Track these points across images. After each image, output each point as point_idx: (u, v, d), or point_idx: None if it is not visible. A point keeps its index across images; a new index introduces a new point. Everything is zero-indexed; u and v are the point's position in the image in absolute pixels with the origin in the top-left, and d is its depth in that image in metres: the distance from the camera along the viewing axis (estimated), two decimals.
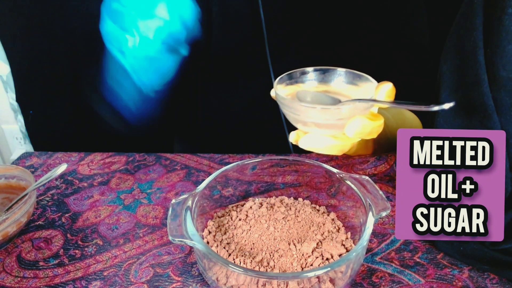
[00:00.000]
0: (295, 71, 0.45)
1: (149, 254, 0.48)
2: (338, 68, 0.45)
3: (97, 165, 0.66)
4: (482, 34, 0.39)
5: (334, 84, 0.45)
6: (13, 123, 1.52)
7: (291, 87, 0.45)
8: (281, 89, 0.44)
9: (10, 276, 0.46)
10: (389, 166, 0.61)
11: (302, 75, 0.46)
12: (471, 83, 0.40)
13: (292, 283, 0.37)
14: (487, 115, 0.40)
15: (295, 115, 0.41)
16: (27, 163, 0.68)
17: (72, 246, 0.50)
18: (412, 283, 0.43)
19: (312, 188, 0.53)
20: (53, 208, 0.57)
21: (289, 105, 0.41)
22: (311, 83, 0.46)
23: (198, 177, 0.62)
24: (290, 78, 0.45)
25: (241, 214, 0.49)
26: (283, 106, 0.42)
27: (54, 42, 1.21)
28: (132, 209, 0.56)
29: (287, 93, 0.45)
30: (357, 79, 0.44)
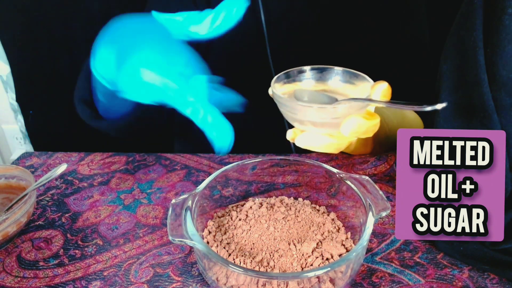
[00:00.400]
0: (292, 69, 0.45)
1: (149, 254, 0.48)
2: (335, 67, 0.45)
3: (97, 165, 0.66)
4: (482, 34, 0.39)
5: (331, 82, 0.45)
6: (13, 123, 1.52)
7: (288, 85, 0.45)
8: (279, 88, 0.44)
9: (10, 276, 0.46)
10: (389, 166, 0.61)
11: (300, 73, 0.46)
12: (471, 83, 0.40)
13: (292, 283, 0.37)
14: (487, 115, 0.40)
15: (292, 113, 0.41)
16: (27, 163, 0.68)
17: (72, 246, 0.50)
18: (412, 283, 0.43)
19: (312, 188, 0.53)
20: (53, 208, 0.57)
21: (286, 104, 0.41)
22: (309, 82, 0.46)
23: (198, 177, 0.62)
24: (287, 77, 0.45)
25: (241, 214, 0.49)
26: (280, 105, 0.42)
27: (54, 42, 1.22)
28: (132, 209, 0.56)
29: (285, 92, 0.45)
30: (354, 78, 0.44)
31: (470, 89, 0.40)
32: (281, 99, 0.41)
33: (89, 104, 0.62)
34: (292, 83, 0.45)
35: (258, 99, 0.50)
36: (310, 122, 0.41)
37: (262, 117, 0.68)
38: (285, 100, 0.41)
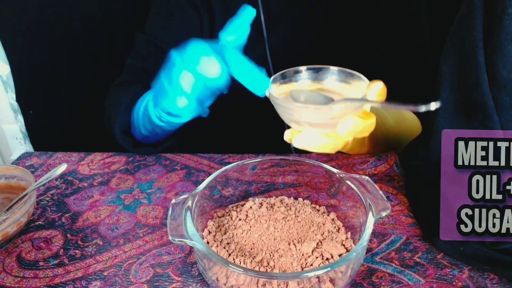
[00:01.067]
0: (288, 70, 0.46)
1: (149, 254, 0.48)
2: (331, 67, 0.45)
3: (97, 165, 0.66)
4: (482, 34, 0.39)
5: (327, 82, 0.45)
6: (13, 123, 1.52)
7: (285, 86, 0.45)
8: (275, 89, 0.45)
9: (10, 276, 0.46)
10: (389, 166, 0.61)
11: (296, 74, 0.46)
12: (471, 83, 0.40)
13: (292, 283, 0.37)
14: (487, 115, 0.40)
15: (288, 114, 0.42)
16: (27, 163, 0.68)
17: (72, 246, 0.50)
18: (412, 283, 0.43)
19: (312, 188, 0.53)
20: (53, 208, 0.57)
21: (282, 104, 0.41)
22: (305, 82, 0.46)
23: (198, 177, 0.62)
24: (283, 78, 0.45)
25: (241, 214, 0.49)
26: (277, 106, 0.43)
27: (54, 42, 1.21)
28: (132, 209, 0.56)
29: (281, 92, 0.45)
30: (349, 78, 0.44)
31: (470, 89, 0.40)
32: (277, 100, 0.42)
33: (129, 134, 0.68)
34: (288, 84, 0.46)
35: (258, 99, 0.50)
36: (307, 122, 0.41)
37: (262, 117, 0.68)
38: (282, 101, 0.41)
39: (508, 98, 0.39)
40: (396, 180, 0.58)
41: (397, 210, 0.53)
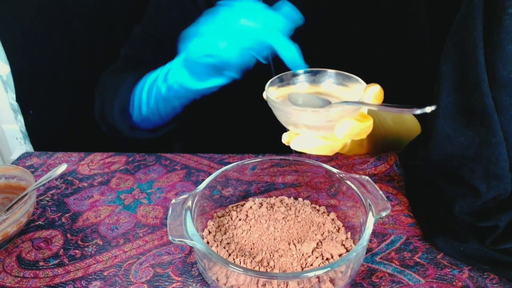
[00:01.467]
0: (286, 73, 0.46)
1: (149, 254, 0.48)
2: (328, 70, 0.46)
3: (97, 165, 0.66)
4: (482, 34, 0.39)
5: (324, 85, 0.46)
6: (13, 123, 1.52)
7: (282, 89, 0.46)
8: (273, 92, 0.45)
9: (10, 276, 0.46)
10: (389, 166, 0.61)
11: (293, 77, 0.46)
12: (471, 83, 0.40)
13: (292, 283, 0.37)
14: (487, 115, 0.39)
15: (286, 117, 0.42)
16: (27, 163, 0.68)
17: (72, 246, 0.50)
18: (412, 283, 0.43)
19: (312, 188, 0.53)
20: (53, 208, 0.57)
21: (280, 108, 0.42)
22: (302, 85, 0.46)
23: (198, 177, 0.62)
24: (281, 81, 0.46)
25: (241, 214, 0.49)
26: (275, 109, 0.43)
27: (54, 42, 1.22)
28: (132, 209, 0.56)
29: (279, 95, 0.45)
30: (346, 80, 0.45)
31: (470, 89, 0.40)
32: (275, 103, 0.42)
33: (128, 115, 0.65)
34: (286, 87, 0.46)
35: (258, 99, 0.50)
36: (304, 125, 0.41)
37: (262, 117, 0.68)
38: (279, 104, 0.42)
39: (508, 98, 0.39)
40: (396, 180, 0.58)
41: (397, 210, 0.53)
